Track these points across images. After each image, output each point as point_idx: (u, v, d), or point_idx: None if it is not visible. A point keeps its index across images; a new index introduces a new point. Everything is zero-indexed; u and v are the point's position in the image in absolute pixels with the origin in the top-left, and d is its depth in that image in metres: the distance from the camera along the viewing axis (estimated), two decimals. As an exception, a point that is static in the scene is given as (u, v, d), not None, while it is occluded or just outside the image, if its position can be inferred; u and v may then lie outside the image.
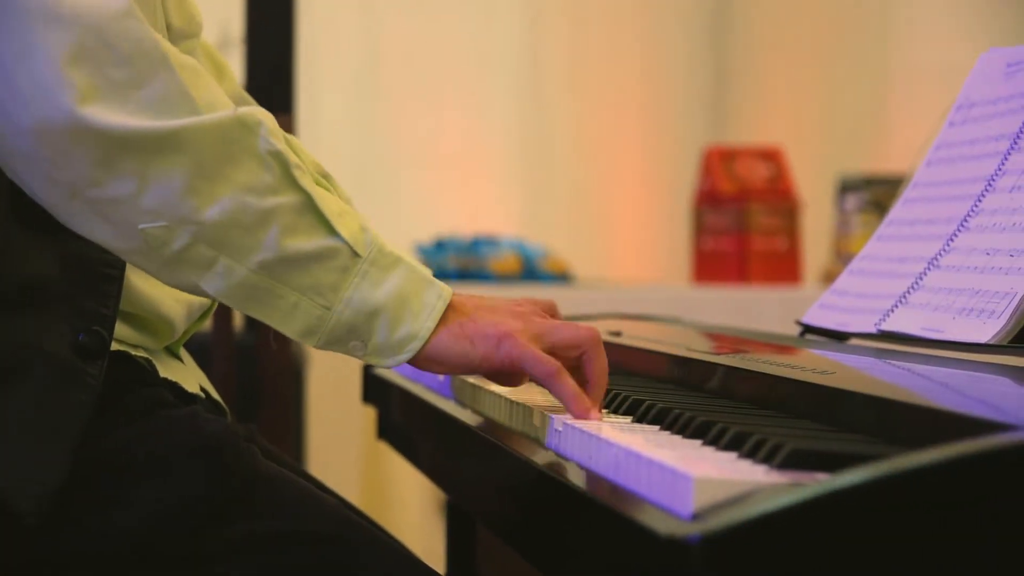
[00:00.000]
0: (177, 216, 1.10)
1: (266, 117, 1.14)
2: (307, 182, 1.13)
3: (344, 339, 1.14)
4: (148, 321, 1.27)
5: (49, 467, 1.14)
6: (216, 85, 1.15)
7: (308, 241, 1.12)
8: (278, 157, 1.12)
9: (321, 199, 1.13)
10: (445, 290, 1.16)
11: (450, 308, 1.16)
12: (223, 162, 1.11)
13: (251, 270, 1.12)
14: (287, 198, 1.12)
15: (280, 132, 1.15)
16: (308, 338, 1.14)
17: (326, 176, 1.39)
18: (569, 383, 1.13)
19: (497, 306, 1.18)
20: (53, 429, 1.15)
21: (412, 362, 1.15)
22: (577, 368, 1.17)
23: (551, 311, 1.26)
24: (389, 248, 1.15)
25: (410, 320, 1.14)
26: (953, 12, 3.48)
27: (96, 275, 1.20)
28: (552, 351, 1.16)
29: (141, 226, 1.11)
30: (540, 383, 1.15)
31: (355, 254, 1.13)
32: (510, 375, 1.20)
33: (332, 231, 1.13)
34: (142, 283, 1.25)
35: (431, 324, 1.14)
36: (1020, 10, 3.24)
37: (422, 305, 1.14)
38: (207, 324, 1.93)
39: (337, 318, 1.13)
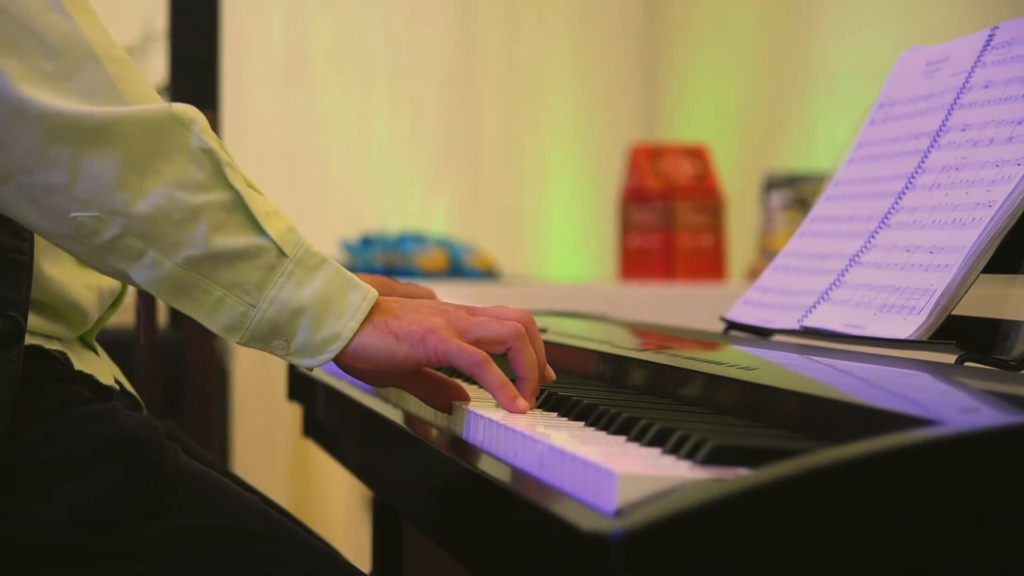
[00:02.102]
0: (108, 207, 1.11)
1: (199, 115, 1.15)
2: (238, 181, 1.14)
3: (267, 337, 1.15)
4: (60, 309, 1.26)
5: None
6: (145, 79, 1.16)
7: (236, 239, 1.13)
8: (210, 155, 1.13)
9: (250, 198, 1.14)
10: (370, 292, 1.16)
11: (375, 309, 1.16)
12: (154, 156, 1.12)
13: (178, 264, 1.13)
14: (217, 195, 1.13)
15: (212, 132, 1.15)
16: (231, 334, 1.15)
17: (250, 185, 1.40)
18: (495, 372, 1.15)
19: (421, 306, 1.19)
20: None
21: (337, 362, 1.16)
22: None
23: (519, 336, 1.22)
24: (315, 249, 1.16)
25: (333, 321, 1.15)
26: (876, 10, 3.51)
27: (5, 261, 1.20)
28: (477, 346, 1.16)
29: (73, 214, 1.12)
30: (467, 373, 1.16)
31: (282, 253, 1.14)
32: (432, 386, 1.21)
33: (260, 230, 1.14)
34: (51, 269, 1.25)
35: (354, 325, 1.15)
36: (941, 8, 3.28)
37: (346, 306, 1.15)
38: (130, 319, 1.91)
39: (261, 316, 1.14)
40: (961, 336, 1.19)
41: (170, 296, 1.14)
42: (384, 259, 3.27)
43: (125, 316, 1.91)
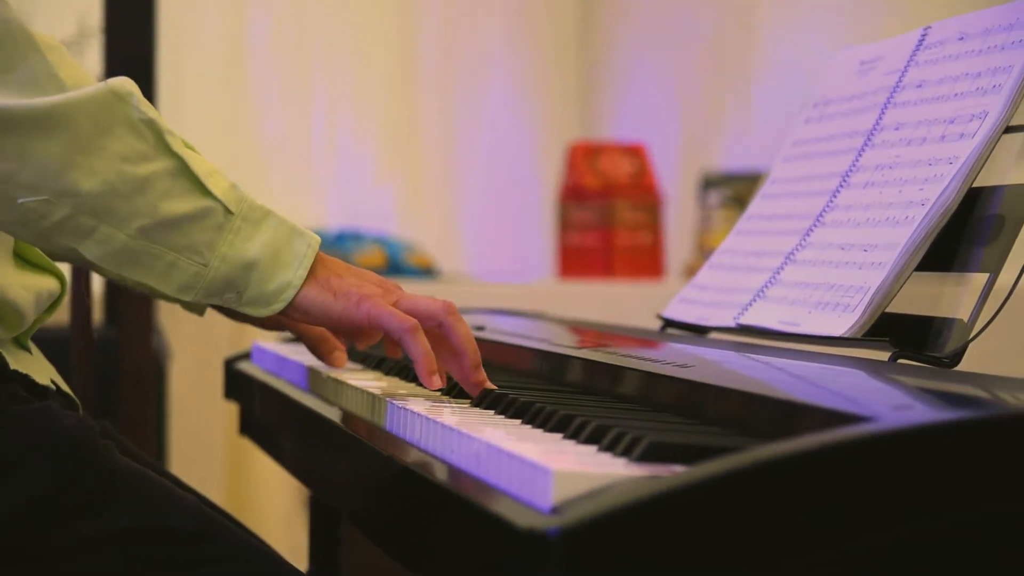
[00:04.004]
0: (57, 190, 1.13)
1: (135, 87, 1.17)
2: (179, 146, 1.17)
3: (220, 291, 1.18)
4: (-4, 310, 1.25)
5: None
6: (79, 65, 1.17)
7: (184, 203, 1.16)
8: (151, 124, 1.16)
9: (192, 161, 1.17)
10: (313, 238, 1.20)
11: (319, 261, 1.21)
12: (100, 134, 1.13)
13: (130, 236, 1.15)
14: (162, 164, 1.15)
15: (147, 101, 1.18)
16: (185, 293, 1.18)
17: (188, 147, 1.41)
18: (423, 342, 1.19)
19: (363, 272, 1.23)
20: None
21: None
22: (441, 341, 1.22)
23: (451, 311, 1.25)
24: (258, 203, 1.19)
25: (282, 271, 1.18)
26: (816, 9, 3.54)
27: None
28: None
29: (20, 200, 1.13)
30: (396, 339, 1.20)
31: (228, 211, 1.17)
32: (364, 334, 1.26)
33: (206, 192, 1.16)
34: None
35: (303, 273, 1.19)
36: (880, 7, 3.30)
37: (292, 255, 1.19)
38: (64, 317, 1.90)
39: (214, 274, 1.17)
40: (895, 333, 1.20)
41: (121, 266, 1.16)
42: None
43: (60, 315, 1.89)
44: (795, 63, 3.49)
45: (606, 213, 3.36)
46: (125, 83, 1.16)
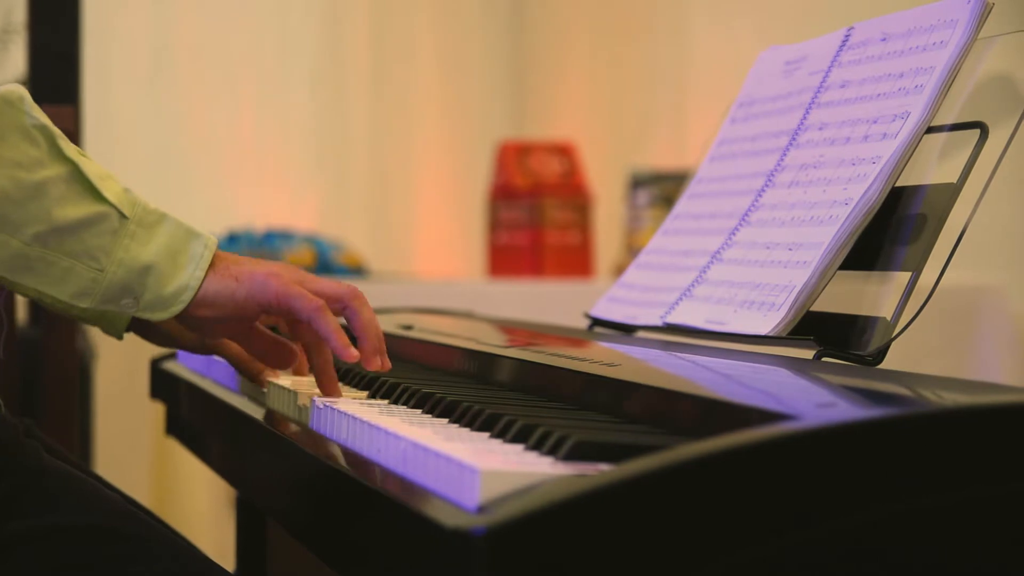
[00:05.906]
0: None
1: (25, 92, 1.16)
2: (71, 151, 1.16)
3: (117, 297, 1.17)
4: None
5: None
6: None
7: (78, 209, 1.15)
8: (43, 130, 1.15)
9: (85, 166, 1.16)
10: (210, 240, 1.20)
11: (217, 256, 1.20)
12: None
13: (25, 242, 1.14)
14: (55, 170, 1.15)
15: (38, 107, 1.16)
16: (81, 300, 1.16)
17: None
18: (331, 319, 1.20)
19: (263, 260, 1.24)
20: None
21: (182, 313, 1.18)
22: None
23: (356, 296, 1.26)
24: (153, 206, 1.19)
25: (179, 273, 1.18)
26: (747, 8, 3.55)
27: None
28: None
29: None
30: (303, 318, 1.20)
31: (123, 216, 1.16)
32: (266, 343, 1.26)
33: (99, 197, 1.16)
34: None
35: (200, 273, 1.18)
36: (813, 5, 3.32)
37: (189, 257, 1.18)
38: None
39: (110, 279, 1.16)
40: (819, 332, 1.21)
41: (16, 273, 1.15)
42: (250, 255, 3.24)
43: (-18, 314, 1.86)
44: (725, 63, 3.50)
45: (535, 212, 3.36)
46: (14, 89, 1.15)
